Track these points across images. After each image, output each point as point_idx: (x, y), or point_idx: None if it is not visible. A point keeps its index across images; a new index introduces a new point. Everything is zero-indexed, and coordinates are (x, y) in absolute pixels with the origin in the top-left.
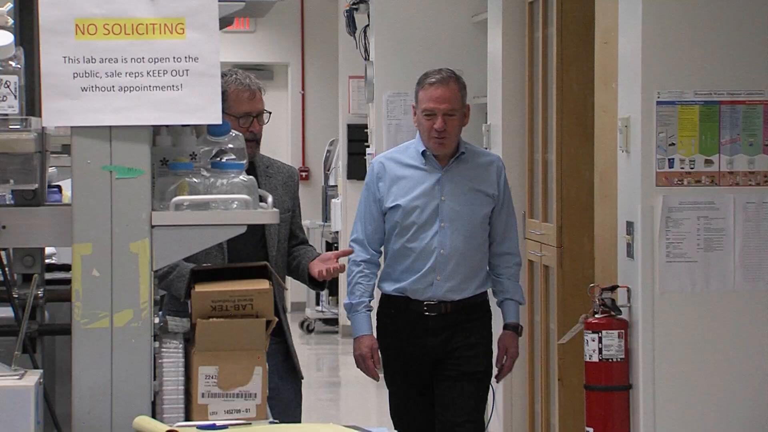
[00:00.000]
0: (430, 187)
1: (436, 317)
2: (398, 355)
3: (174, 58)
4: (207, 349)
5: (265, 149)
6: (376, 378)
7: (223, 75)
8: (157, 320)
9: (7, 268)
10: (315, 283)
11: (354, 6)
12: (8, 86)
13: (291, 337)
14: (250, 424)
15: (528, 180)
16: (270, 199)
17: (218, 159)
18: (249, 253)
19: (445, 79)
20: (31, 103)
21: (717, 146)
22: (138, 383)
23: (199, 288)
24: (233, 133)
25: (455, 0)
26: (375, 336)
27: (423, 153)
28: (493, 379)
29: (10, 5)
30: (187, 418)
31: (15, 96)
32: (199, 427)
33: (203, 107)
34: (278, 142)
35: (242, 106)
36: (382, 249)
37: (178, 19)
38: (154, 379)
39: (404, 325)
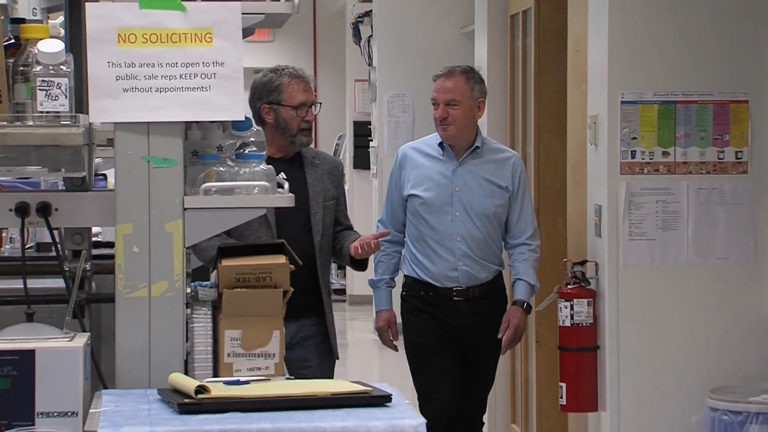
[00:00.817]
0: (445, 176)
1: (464, 301)
2: (426, 335)
3: (203, 63)
4: (232, 315)
5: None
6: (395, 348)
7: (276, 70)
8: (189, 290)
9: (59, 245)
10: (356, 264)
11: (359, 19)
12: (60, 87)
13: (332, 320)
14: (269, 380)
15: None
16: (286, 186)
17: (241, 150)
18: (296, 239)
19: (450, 71)
20: (80, 103)
21: (673, 140)
22: (172, 345)
23: (226, 263)
24: (254, 128)
25: (447, 14)
26: (392, 311)
27: (441, 144)
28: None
29: (61, 18)
30: (215, 375)
31: (66, 96)
32: (226, 383)
33: (228, 106)
34: None
35: (298, 96)
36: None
37: (207, 29)
38: (186, 341)
39: (432, 307)
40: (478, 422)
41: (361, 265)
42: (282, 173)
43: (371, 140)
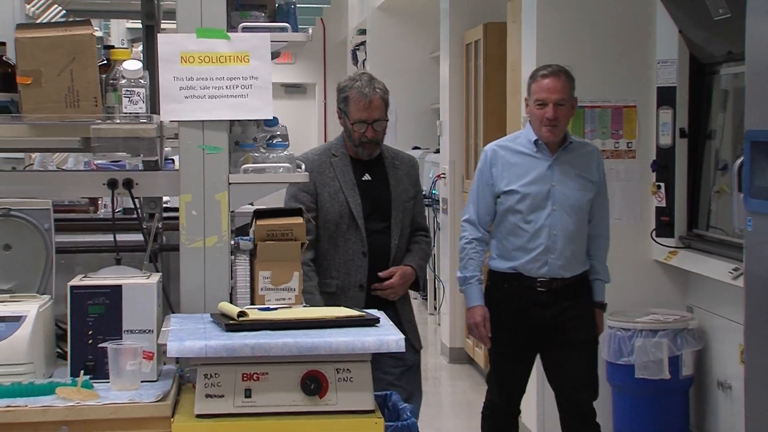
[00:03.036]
0: (542, 172)
1: (547, 292)
2: (508, 326)
3: (242, 77)
4: (264, 260)
5: (301, 137)
6: (488, 344)
7: (354, 78)
8: (233, 242)
9: (139, 209)
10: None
11: (356, 48)
12: (139, 95)
13: (410, 314)
14: (291, 307)
15: (465, 156)
16: (303, 166)
17: (270, 141)
18: (378, 240)
19: (555, 71)
20: (154, 106)
21: (583, 134)
22: (221, 282)
23: (260, 222)
24: (281, 125)
25: (420, 43)
26: (485, 306)
27: (535, 142)
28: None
29: (141, 47)
30: (252, 304)
31: (143, 101)
32: (260, 309)
33: (261, 108)
34: (310, 132)
35: (357, 113)
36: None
37: (245, 52)
38: (231, 279)
39: (516, 299)
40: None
41: (415, 285)
42: (367, 174)
43: None
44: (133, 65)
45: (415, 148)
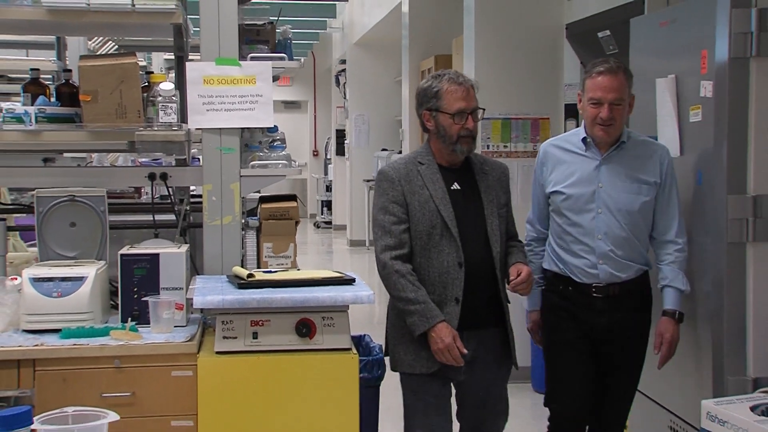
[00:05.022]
0: (588, 173)
1: (603, 299)
2: (563, 330)
3: (250, 95)
4: (267, 234)
5: (296, 142)
6: (547, 349)
7: (437, 76)
8: (243, 221)
9: (172, 196)
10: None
11: (339, 73)
12: (172, 109)
13: (511, 328)
14: (287, 270)
15: None
16: (297, 163)
17: (272, 144)
18: (477, 252)
19: (612, 68)
20: (183, 117)
21: (509, 139)
22: (234, 251)
23: (264, 206)
24: (280, 131)
25: (386, 71)
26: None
27: (584, 140)
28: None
29: (173, 73)
30: (258, 267)
31: (175, 114)
32: (264, 272)
33: (264, 119)
34: (303, 138)
35: (456, 103)
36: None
37: (252, 76)
38: (242, 249)
39: (572, 303)
40: None
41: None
42: (456, 183)
43: (346, 140)
44: (167, 86)
45: (383, 149)
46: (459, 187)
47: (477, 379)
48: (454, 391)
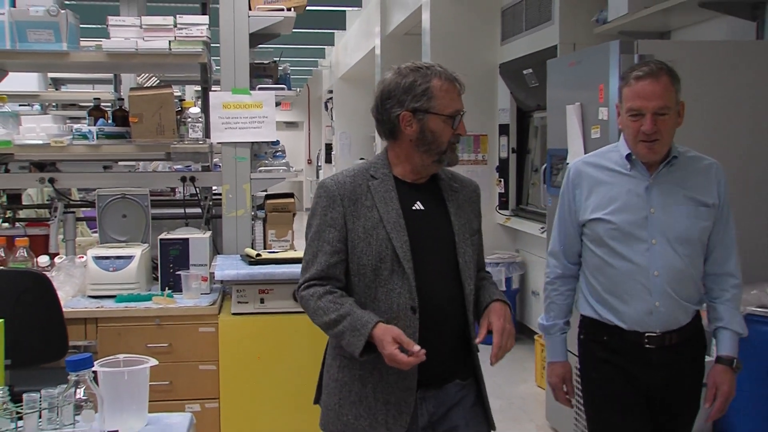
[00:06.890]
0: (636, 196)
1: (657, 350)
2: (611, 391)
3: (258, 117)
4: (271, 224)
5: (294, 153)
6: (571, 406)
7: (418, 69)
8: (253, 213)
9: (198, 194)
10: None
11: (327, 101)
12: (198, 127)
13: (483, 381)
14: (287, 251)
15: None
16: (294, 168)
17: (275, 153)
18: (444, 289)
19: (654, 71)
20: (207, 133)
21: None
22: (246, 236)
23: (269, 201)
24: (281, 144)
25: (364, 99)
26: (567, 362)
27: (628, 156)
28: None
29: (200, 100)
30: (264, 248)
31: (201, 131)
32: (269, 252)
33: (269, 135)
34: (299, 150)
35: (452, 104)
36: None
37: (260, 102)
38: (252, 234)
39: (619, 356)
40: None
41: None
42: (418, 202)
43: (332, 151)
44: (195, 110)
45: (361, 158)
46: (422, 208)
47: None
48: None
